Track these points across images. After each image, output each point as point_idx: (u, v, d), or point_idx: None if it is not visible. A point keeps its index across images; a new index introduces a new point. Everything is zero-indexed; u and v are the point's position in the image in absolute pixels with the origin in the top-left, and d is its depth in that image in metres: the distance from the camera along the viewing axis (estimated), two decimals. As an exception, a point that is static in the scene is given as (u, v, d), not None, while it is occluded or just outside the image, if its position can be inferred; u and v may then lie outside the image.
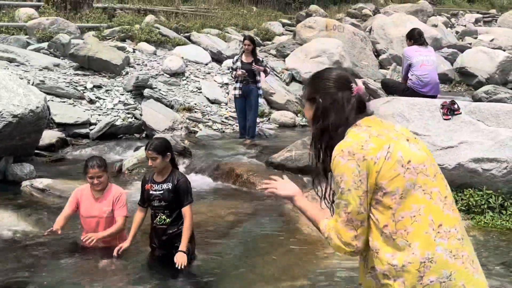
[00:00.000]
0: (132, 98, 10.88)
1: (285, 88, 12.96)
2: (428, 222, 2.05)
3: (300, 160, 7.84)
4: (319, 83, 2.32)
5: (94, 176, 4.81)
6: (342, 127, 2.21)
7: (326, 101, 2.25)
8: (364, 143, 2.11)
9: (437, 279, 2.02)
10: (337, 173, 2.13)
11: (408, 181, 2.07)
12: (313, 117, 2.30)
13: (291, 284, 4.40)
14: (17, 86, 7.28)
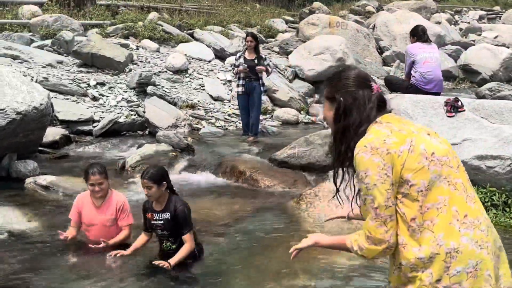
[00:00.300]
0: (135, 95, 10.89)
1: (288, 85, 12.95)
2: (453, 213, 2.09)
3: (303, 157, 7.84)
4: (339, 82, 2.33)
5: (95, 183, 4.78)
6: (364, 125, 2.23)
7: (347, 100, 2.26)
8: (386, 137, 2.14)
9: (463, 269, 2.05)
10: (361, 169, 2.15)
11: (433, 173, 2.11)
12: (334, 116, 2.32)
13: (293, 281, 4.40)
14: (20, 83, 7.29)
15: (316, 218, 5.97)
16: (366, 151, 2.13)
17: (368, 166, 2.11)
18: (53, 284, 4.28)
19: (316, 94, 13.56)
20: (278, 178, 7.42)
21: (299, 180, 7.40)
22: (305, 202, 6.29)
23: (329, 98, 2.35)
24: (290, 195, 6.85)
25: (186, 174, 7.87)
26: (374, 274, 4.51)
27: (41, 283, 4.30)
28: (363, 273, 4.51)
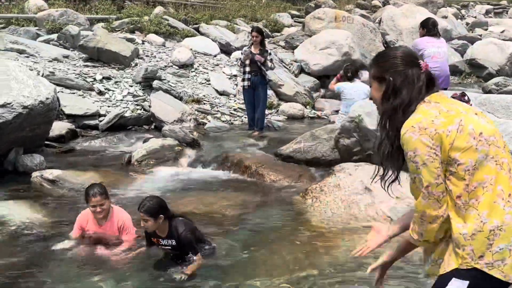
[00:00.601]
0: (141, 89, 10.90)
1: (294, 79, 12.94)
2: (498, 192, 2.11)
3: (309, 152, 7.84)
4: (386, 62, 2.32)
5: (97, 204, 4.73)
6: (413, 104, 2.23)
7: (397, 80, 2.26)
8: (435, 118, 2.15)
9: (506, 246, 2.08)
10: (409, 149, 2.16)
11: (481, 152, 2.12)
12: (383, 96, 2.32)
13: (299, 275, 4.40)
14: (27, 77, 7.31)
15: (322, 212, 5.97)
16: (414, 131, 2.14)
17: (416, 145, 2.13)
18: (58, 278, 4.30)
19: (321, 89, 13.54)
20: (283, 172, 7.41)
21: (305, 175, 7.40)
22: (311, 196, 6.29)
23: (377, 78, 2.34)
24: (295, 190, 6.85)
25: (191, 168, 7.88)
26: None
27: (46, 277, 4.31)
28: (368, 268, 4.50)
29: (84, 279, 4.29)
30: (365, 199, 6.00)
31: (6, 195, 6.38)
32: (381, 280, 2.59)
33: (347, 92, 8.66)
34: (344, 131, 7.20)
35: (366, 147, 6.94)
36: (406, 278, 4.29)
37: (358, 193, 6.09)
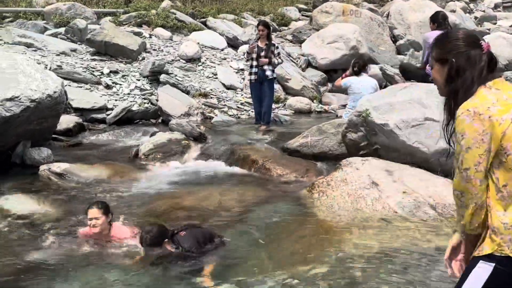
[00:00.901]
0: (148, 83, 10.91)
1: (301, 74, 12.90)
2: None
3: (316, 146, 7.83)
4: (449, 44, 2.34)
5: (92, 217, 4.73)
6: (475, 85, 2.24)
7: (460, 61, 2.28)
8: (491, 105, 2.16)
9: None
10: (459, 131, 2.20)
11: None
12: (447, 78, 2.34)
13: (305, 269, 4.41)
14: (34, 71, 7.33)
15: (329, 207, 5.96)
16: (468, 115, 2.16)
17: (466, 129, 2.16)
18: (64, 272, 4.32)
19: (329, 83, 13.50)
20: (290, 167, 7.41)
21: (312, 169, 7.39)
22: (318, 191, 6.29)
23: (440, 60, 2.36)
24: (302, 184, 6.84)
25: (198, 162, 7.89)
26: (386, 263, 4.51)
27: (52, 270, 4.34)
28: (376, 262, 4.51)
29: (91, 273, 4.31)
30: (372, 193, 5.99)
31: (14, 188, 6.41)
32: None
33: (354, 86, 8.64)
34: (351, 126, 7.18)
35: (373, 141, 6.92)
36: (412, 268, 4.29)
37: (365, 188, 6.08)
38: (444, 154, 5.61)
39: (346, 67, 13.31)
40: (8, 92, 6.76)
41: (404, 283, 4.17)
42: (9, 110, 6.68)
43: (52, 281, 4.13)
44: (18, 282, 4.10)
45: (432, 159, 6.46)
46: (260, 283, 4.14)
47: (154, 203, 6.06)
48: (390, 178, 6.22)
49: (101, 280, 4.16)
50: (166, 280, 4.23)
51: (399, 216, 5.64)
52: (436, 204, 5.86)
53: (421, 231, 5.35)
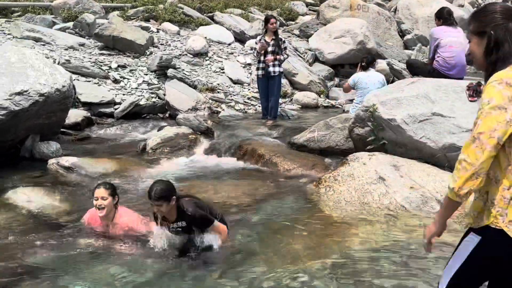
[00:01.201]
0: (156, 78, 10.95)
1: (308, 68, 12.90)
2: None
3: (323, 141, 7.84)
4: (487, 16, 2.36)
5: (98, 197, 4.69)
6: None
7: (498, 33, 2.31)
8: None
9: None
10: (486, 96, 2.23)
11: None
12: (486, 50, 2.36)
13: (311, 264, 4.42)
14: (43, 65, 7.37)
15: (335, 202, 5.98)
16: (500, 83, 2.20)
17: (494, 95, 2.20)
18: (71, 265, 4.36)
19: (336, 78, 13.49)
20: (297, 161, 7.42)
21: (318, 164, 7.40)
22: (324, 186, 6.30)
23: (478, 33, 2.38)
24: (309, 179, 6.86)
25: (205, 156, 7.92)
26: (393, 258, 4.52)
27: (59, 263, 4.37)
28: (382, 257, 4.52)
29: (99, 267, 4.35)
30: (379, 188, 6.00)
31: (23, 181, 6.46)
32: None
33: (362, 81, 8.63)
34: (358, 121, 7.19)
35: (380, 136, 6.93)
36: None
37: (372, 183, 6.09)
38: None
39: (353, 62, 13.34)
40: (17, 86, 6.80)
41: (410, 278, 4.19)
42: (18, 104, 6.73)
43: (59, 274, 4.16)
44: (25, 274, 4.14)
45: (439, 154, 6.46)
46: (266, 278, 4.16)
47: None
48: (397, 173, 6.22)
49: (108, 274, 4.19)
50: (173, 275, 4.26)
51: (406, 211, 5.65)
52: (443, 199, 5.86)
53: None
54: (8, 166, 6.95)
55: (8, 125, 6.76)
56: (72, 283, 4.00)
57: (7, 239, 4.78)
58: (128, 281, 4.07)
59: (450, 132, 6.45)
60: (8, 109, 6.63)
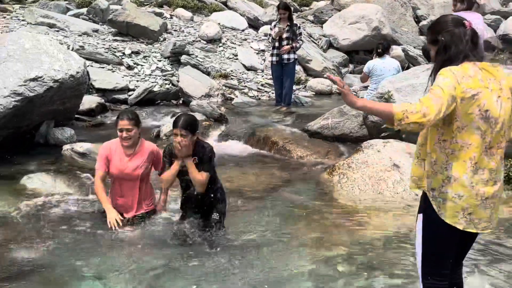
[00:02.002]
0: (170, 64, 10.94)
1: (322, 55, 12.81)
2: (470, 155, 2.64)
3: (337, 128, 7.80)
4: (438, 26, 2.79)
5: (123, 128, 4.62)
6: (461, 55, 2.67)
7: (447, 38, 2.71)
8: (468, 76, 2.59)
9: (450, 192, 2.67)
10: (440, 76, 2.59)
11: (476, 122, 2.60)
12: (436, 53, 2.77)
13: (325, 252, 4.42)
14: (57, 51, 7.38)
15: (349, 189, 5.95)
16: (450, 72, 2.59)
17: (446, 76, 2.57)
18: (86, 250, 4.39)
19: (350, 64, 13.40)
20: (311, 148, 7.40)
21: (332, 151, 7.37)
22: (338, 173, 6.28)
23: (433, 41, 2.79)
24: (322, 166, 6.83)
25: (219, 143, 7.91)
26: (407, 246, 4.50)
27: (75, 249, 4.40)
28: (396, 245, 4.50)
29: (110, 252, 4.37)
30: (393, 176, 5.96)
31: (37, 167, 6.51)
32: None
33: (377, 68, 8.55)
34: (373, 108, 7.13)
35: (395, 124, 6.86)
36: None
37: (386, 170, 6.05)
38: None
39: (368, 48, 13.23)
40: (31, 72, 6.82)
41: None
42: (33, 90, 6.75)
43: (73, 260, 4.19)
44: (40, 259, 4.17)
45: (454, 142, 6.39)
46: (279, 266, 4.16)
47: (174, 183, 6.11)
48: (412, 161, 6.17)
49: (122, 259, 4.22)
50: (184, 258, 4.27)
51: (420, 199, 5.61)
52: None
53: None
54: (23, 152, 7.00)
55: (23, 111, 6.80)
56: (85, 268, 4.03)
57: (22, 225, 4.82)
58: (144, 267, 4.08)
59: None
60: (23, 95, 6.66)
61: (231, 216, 4.90)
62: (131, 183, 4.76)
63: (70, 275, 3.93)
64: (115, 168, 4.72)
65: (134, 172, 4.72)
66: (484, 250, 4.41)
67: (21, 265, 4.05)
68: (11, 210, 5.12)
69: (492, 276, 3.97)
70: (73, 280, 3.86)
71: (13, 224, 4.82)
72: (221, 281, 3.88)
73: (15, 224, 4.82)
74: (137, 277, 3.91)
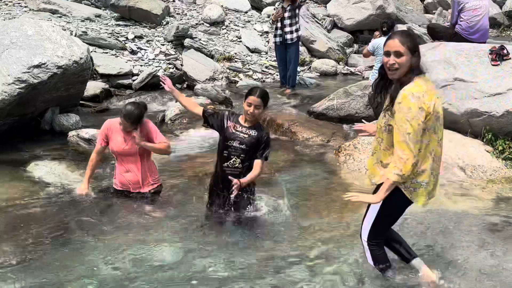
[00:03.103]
0: (173, 48, 10.89)
1: (326, 35, 12.71)
2: (430, 150, 3.24)
3: (342, 109, 7.77)
4: (416, 41, 3.33)
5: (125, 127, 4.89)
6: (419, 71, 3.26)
7: (419, 54, 3.29)
8: (424, 92, 3.14)
9: (420, 181, 3.25)
10: (406, 105, 3.10)
11: (432, 123, 3.19)
12: (413, 64, 3.24)
13: (331, 233, 4.43)
14: (60, 37, 7.35)
15: (355, 170, 5.94)
16: (413, 97, 3.10)
17: (411, 106, 3.09)
18: (93, 235, 4.41)
19: (355, 44, 13.29)
20: (316, 130, 7.38)
21: (338, 132, 7.35)
22: (344, 154, 6.26)
23: (413, 51, 3.24)
24: (329, 148, 6.82)
25: (224, 126, 7.89)
26: (412, 226, 4.50)
27: (81, 234, 4.42)
28: (401, 225, 4.50)
29: (119, 238, 4.39)
30: (400, 156, 5.94)
31: (44, 154, 6.52)
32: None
33: (381, 46, 8.46)
34: (378, 88, 7.08)
35: (400, 103, 6.83)
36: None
37: (393, 150, 6.03)
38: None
39: (372, 28, 13.11)
40: (35, 59, 6.81)
41: (427, 245, 4.17)
42: (37, 77, 6.74)
43: (80, 244, 4.21)
44: (48, 244, 4.20)
45: (461, 120, 6.35)
46: (286, 246, 4.17)
47: (181, 167, 6.12)
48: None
49: (128, 246, 4.24)
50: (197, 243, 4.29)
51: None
52: (465, 166, 5.80)
53: (448, 193, 5.31)
54: (29, 139, 7.01)
55: (27, 98, 6.80)
56: (91, 254, 4.05)
57: (30, 211, 4.84)
58: (150, 254, 4.10)
59: (472, 97, 6.33)
60: (27, 82, 6.65)
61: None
62: (132, 159, 4.97)
63: (80, 260, 3.95)
64: (115, 145, 4.99)
65: (132, 148, 4.92)
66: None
67: (26, 252, 4.08)
68: (18, 196, 5.15)
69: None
70: (81, 264, 3.88)
71: (21, 211, 4.84)
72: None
73: (22, 211, 4.84)
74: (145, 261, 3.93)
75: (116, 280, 3.68)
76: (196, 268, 3.84)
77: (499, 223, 4.67)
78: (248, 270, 3.84)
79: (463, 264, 3.91)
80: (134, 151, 4.92)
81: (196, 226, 4.59)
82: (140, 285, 3.62)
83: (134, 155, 4.95)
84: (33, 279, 3.66)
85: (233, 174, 4.36)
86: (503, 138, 6.15)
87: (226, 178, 4.36)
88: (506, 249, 4.15)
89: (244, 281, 3.68)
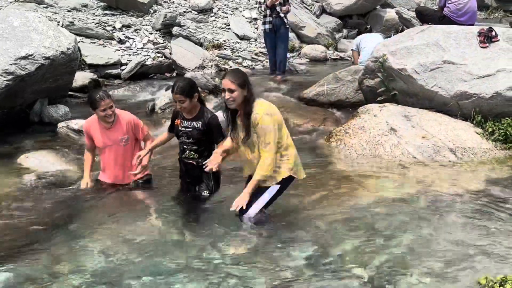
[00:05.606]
0: (161, 36, 10.81)
1: (315, 21, 12.66)
2: (285, 145, 4.09)
3: (333, 95, 7.77)
4: (245, 77, 4.08)
5: (107, 107, 4.82)
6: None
7: (250, 85, 4.06)
8: (269, 106, 4.01)
9: (292, 163, 4.10)
10: (265, 124, 3.91)
11: (281, 124, 4.03)
12: (246, 95, 3.98)
13: (323, 219, 4.44)
14: (47, 28, 7.29)
15: (347, 155, 5.95)
16: (267, 114, 3.93)
17: (267, 123, 3.92)
18: (85, 226, 4.40)
19: (344, 29, 13.25)
20: (307, 116, 7.38)
21: (329, 118, 7.36)
22: (335, 139, 6.27)
23: (242, 85, 3.96)
24: (320, 133, 6.83)
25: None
26: (406, 210, 4.51)
27: (74, 225, 4.41)
28: (394, 209, 4.51)
29: (112, 227, 4.38)
30: (391, 140, 5.96)
31: (34, 145, 6.50)
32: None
33: (363, 39, 8.51)
34: (368, 72, 7.09)
35: (390, 87, 6.84)
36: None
37: (384, 134, 6.05)
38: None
39: (361, 12, 13.10)
40: (22, 51, 6.75)
41: (421, 228, 4.19)
42: (24, 68, 6.69)
43: (73, 236, 4.20)
44: (39, 237, 4.19)
45: (451, 102, 6.38)
46: (278, 232, 4.18)
47: (171, 157, 6.10)
48: (409, 124, 6.17)
49: (122, 233, 4.24)
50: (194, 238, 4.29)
51: (418, 161, 5.62)
52: (456, 148, 5.82)
53: (440, 176, 5.34)
54: (19, 131, 6.97)
55: (15, 90, 6.75)
56: (85, 244, 4.04)
57: (20, 203, 4.83)
58: (141, 241, 4.10)
59: (461, 80, 6.35)
60: (15, 74, 6.60)
61: (227, 187, 4.94)
62: (116, 151, 4.99)
63: (72, 249, 3.94)
64: (98, 142, 5.00)
65: (115, 143, 4.96)
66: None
67: (21, 244, 4.06)
68: (9, 188, 5.13)
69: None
70: (76, 254, 3.88)
71: (12, 204, 4.82)
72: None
73: (14, 203, 4.82)
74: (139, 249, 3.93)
75: (108, 271, 3.67)
76: (182, 259, 3.85)
77: (491, 203, 4.70)
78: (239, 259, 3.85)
79: (458, 243, 3.94)
80: (117, 143, 4.95)
81: (183, 214, 4.59)
82: (132, 276, 3.62)
83: (117, 147, 4.96)
84: (25, 271, 3.65)
85: (191, 164, 4.67)
86: (493, 119, 6.18)
87: (188, 168, 4.72)
88: (497, 229, 4.18)
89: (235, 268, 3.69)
